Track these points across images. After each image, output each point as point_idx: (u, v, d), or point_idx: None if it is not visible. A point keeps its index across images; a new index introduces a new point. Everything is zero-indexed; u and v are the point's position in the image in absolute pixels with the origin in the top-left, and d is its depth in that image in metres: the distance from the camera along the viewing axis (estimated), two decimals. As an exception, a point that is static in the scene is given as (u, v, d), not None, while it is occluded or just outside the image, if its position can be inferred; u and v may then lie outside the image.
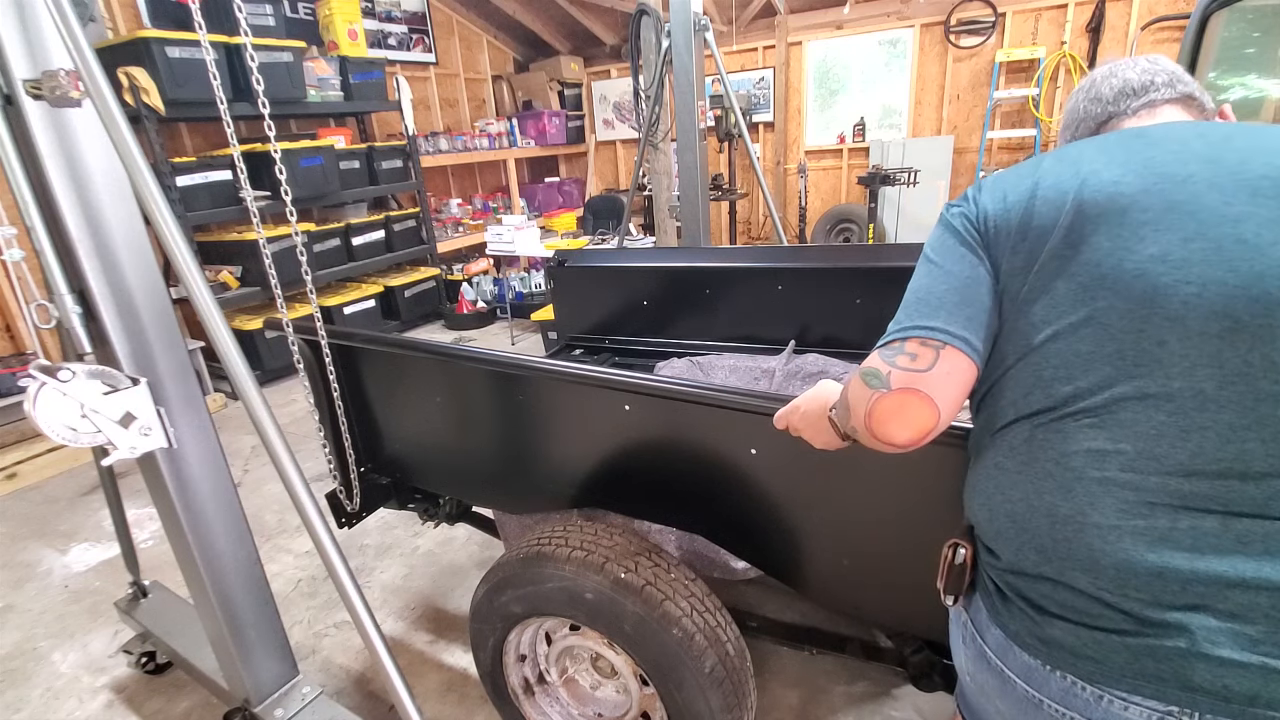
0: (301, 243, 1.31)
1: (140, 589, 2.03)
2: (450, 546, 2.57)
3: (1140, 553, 0.65)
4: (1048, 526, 0.71)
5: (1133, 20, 5.33)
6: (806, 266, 2.33)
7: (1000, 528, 0.77)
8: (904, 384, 0.74)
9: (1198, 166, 0.70)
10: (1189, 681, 0.63)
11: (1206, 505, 0.64)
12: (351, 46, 5.09)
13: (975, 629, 0.82)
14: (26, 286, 3.45)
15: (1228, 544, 0.63)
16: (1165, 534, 0.65)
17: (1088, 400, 0.70)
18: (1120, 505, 0.67)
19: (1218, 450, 0.64)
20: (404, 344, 1.66)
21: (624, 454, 1.42)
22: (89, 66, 0.96)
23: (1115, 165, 0.74)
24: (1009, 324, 0.77)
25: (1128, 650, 0.66)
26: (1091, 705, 0.68)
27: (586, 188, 7.97)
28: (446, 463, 1.77)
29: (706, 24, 3.18)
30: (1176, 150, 0.73)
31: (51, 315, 1.17)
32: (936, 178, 5.97)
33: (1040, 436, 0.73)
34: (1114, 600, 0.67)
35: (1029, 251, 0.75)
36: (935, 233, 0.85)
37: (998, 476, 0.78)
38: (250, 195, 1.31)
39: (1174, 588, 0.64)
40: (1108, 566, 0.67)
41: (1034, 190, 0.77)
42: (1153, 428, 0.67)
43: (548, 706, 1.59)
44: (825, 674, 1.87)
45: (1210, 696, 0.62)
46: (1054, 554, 0.71)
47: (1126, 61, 0.89)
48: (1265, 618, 0.61)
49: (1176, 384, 0.66)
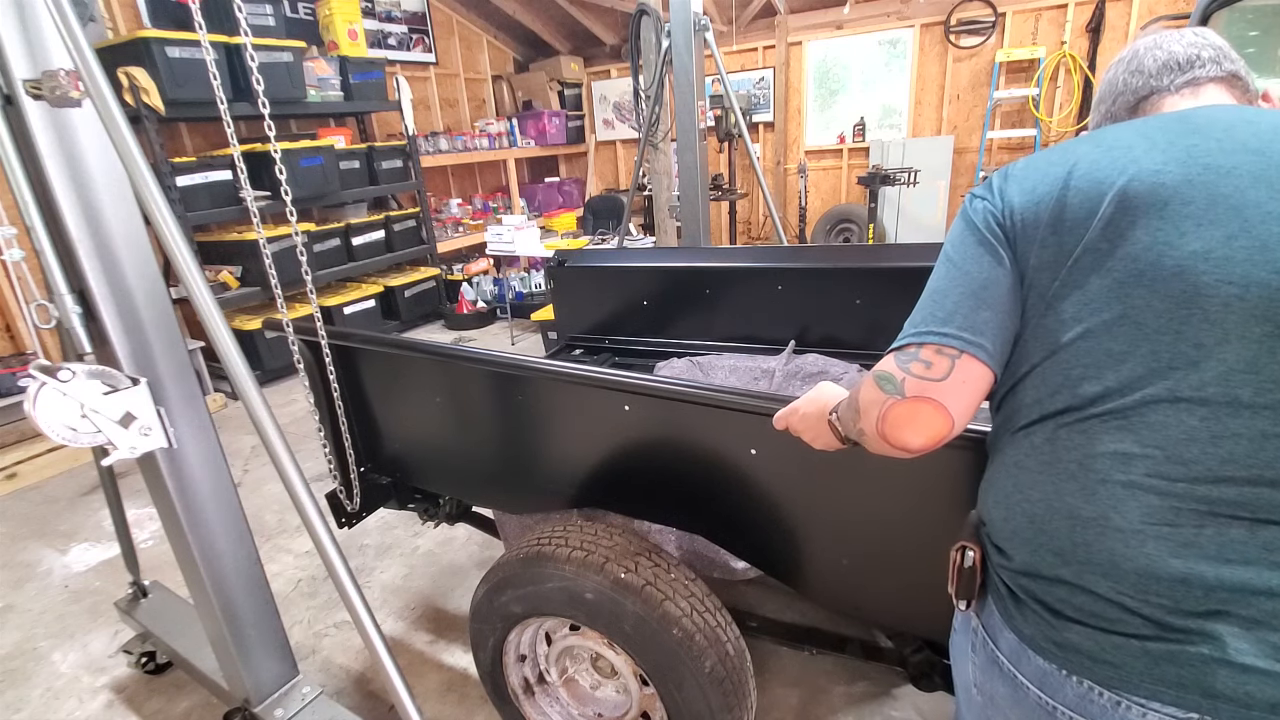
0: (301, 243, 1.31)
1: (140, 589, 2.03)
2: (450, 546, 2.57)
3: (1164, 558, 0.64)
4: (1068, 529, 0.70)
5: (1133, 20, 5.33)
6: (806, 266, 2.33)
7: (1017, 528, 0.75)
8: (918, 392, 0.74)
9: (1244, 158, 0.67)
10: (1211, 688, 0.62)
11: (1234, 512, 0.63)
12: (351, 46, 5.09)
13: (987, 633, 0.80)
14: (26, 286, 3.45)
15: (1254, 552, 0.62)
16: (1191, 540, 0.63)
17: (1116, 401, 0.68)
18: (1145, 509, 0.65)
19: (1249, 457, 0.62)
20: (403, 344, 1.66)
21: (624, 454, 1.42)
22: (89, 66, 0.96)
23: (1156, 153, 0.70)
24: (1035, 321, 0.74)
25: (1148, 655, 0.65)
26: (1108, 711, 0.67)
27: (586, 188, 7.98)
28: (447, 463, 1.77)
29: (706, 24, 3.18)
30: (1221, 139, 0.69)
31: (51, 315, 1.17)
32: (936, 178, 5.97)
33: (1064, 436, 0.71)
34: (1135, 605, 0.66)
35: (1059, 246, 0.72)
36: (956, 226, 0.82)
37: (1018, 475, 0.76)
38: (250, 195, 1.31)
39: (1197, 594, 0.63)
40: (1129, 571, 0.66)
41: (1067, 180, 0.73)
42: (1183, 432, 0.65)
43: (548, 706, 1.59)
44: (825, 674, 1.87)
45: (1232, 703, 0.61)
46: (1073, 557, 0.69)
47: (1172, 33, 0.84)
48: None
49: (1211, 389, 0.64)
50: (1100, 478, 0.68)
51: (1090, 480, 0.69)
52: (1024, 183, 0.77)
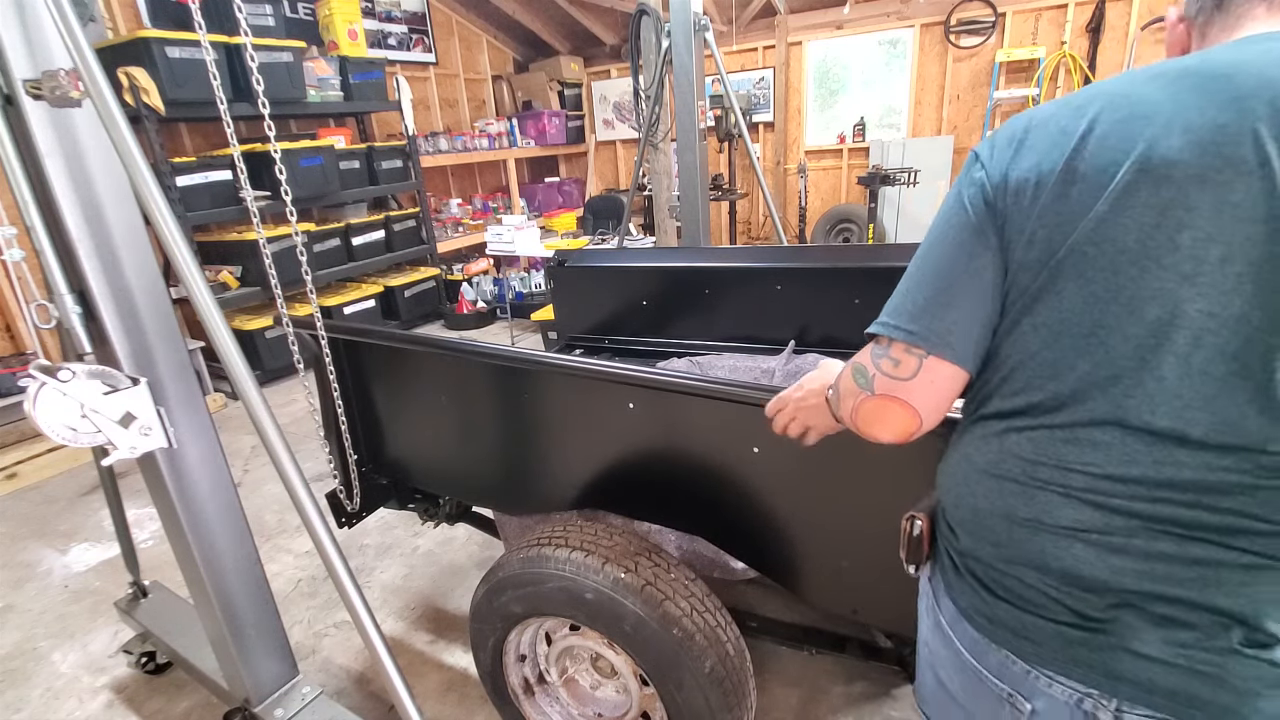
0: (301, 243, 1.32)
1: (140, 589, 2.03)
2: (450, 546, 2.57)
3: (1090, 561, 0.67)
4: (1005, 526, 0.72)
5: (1133, 20, 5.33)
6: (806, 266, 2.33)
7: (962, 517, 0.78)
8: (885, 390, 0.75)
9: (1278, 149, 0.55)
10: (1115, 671, 0.66)
11: (1166, 528, 0.63)
12: (351, 46, 5.09)
13: (934, 598, 0.85)
14: (26, 286, 3.45)
15: (1178, 566, 0.63)
16: (1119, 547, 0.65)
17: (1067, 415, 0.67)
18: (1078, 517, 0.67)
19: (1191, 481, 0.62)
20: (406, 339, 1.66)
21: (627, 454, 1.42)
22: (89, 66, 0.96)
23: (1176, 130, 0.59)
24: (1010, 318, 0.70)
25: (1063, 638, 0.69)
26: (1021, 679, 0.73)
27: (586, 188, 7.97)
28: (447, 463, 1.77)
29: (706, 24, 3.18)
30: (1266, 114, 0.56)
31: (51, 315, 1.17)
32: (936, 178, 5.97)
33: (1013, 440, 0.72)
34: (1058, 596, 0.69)
35: (1048, 242, 0.65)
36: (945, 203, 0.75)
37: (965, 469, 0.78)
38: (250, 195, 1.31)
39: (1116, 593, 0.66)
40: (1056, 569, 0.69)
41: (1075, 155, 0.64)
42: (1127, 455, 0.64)
43: (548, 706, 1.59)
44: (825, 674, 1.87)
45: (1133, 686, 0.65)
46: (1008, 549, 0.73)
47: None
48: (1200, 631, 0.63)
49: (1163, 423, 0.62)
50: (1040, 485, 0.70)
51: (1030, 487, 0.70)
52: (1027, 155, 0.67)
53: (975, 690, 0.79)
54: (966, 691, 0.81)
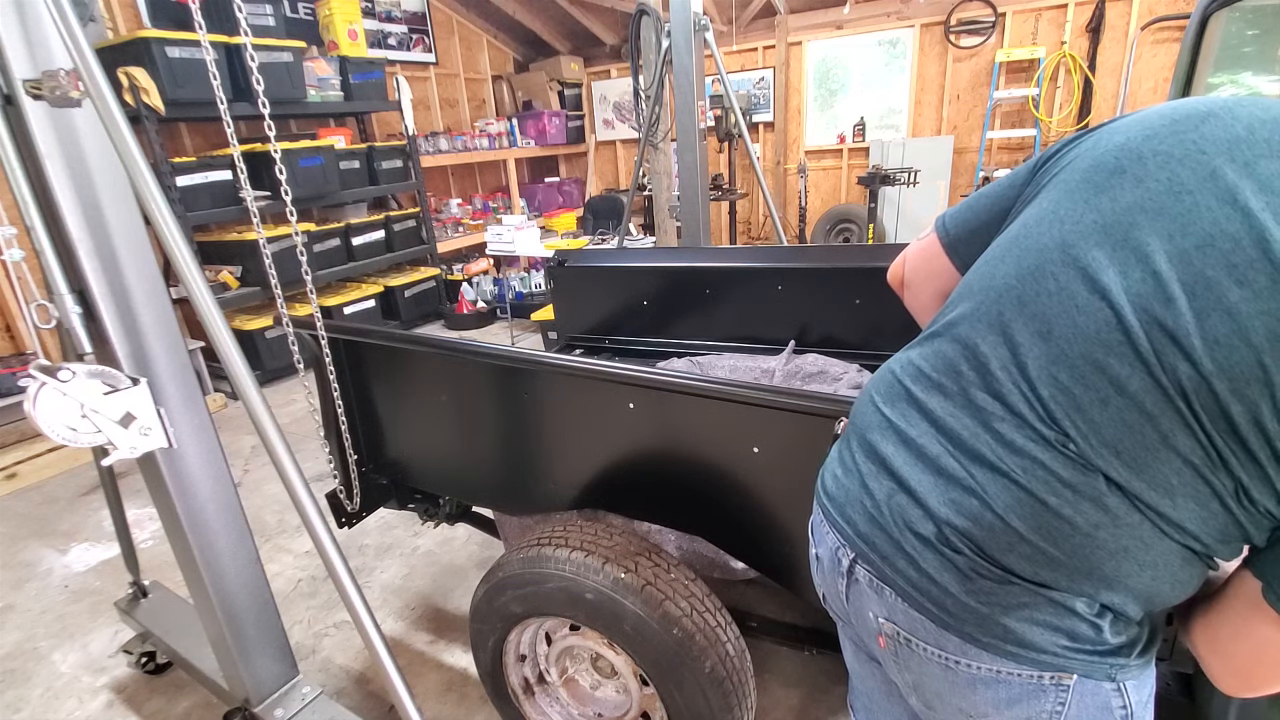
0: (301, 243, 1.32)
1: (140, 589, 2.03)
2: (450, 546, 2.57)
3: (870, 430, 0.81)
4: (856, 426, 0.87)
5: (1133, 20, 5.33)
6: (806, 266, 2.33)
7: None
8: (906, 250, 0.96)
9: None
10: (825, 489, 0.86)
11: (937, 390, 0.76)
12: (351, 46, 5.09)
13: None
14: (26, 286, 3.45)
15: (905, 448, 0.75)
16: (886, 424, 0.79)
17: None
18: (870, 405, 0.83)
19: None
20: (406, 339, 1.65)
21: (627, 454, 1.42)
22: (89, 66, 0.96)
23: (1131, 188, 0.63)
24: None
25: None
26: (816, 530, 0.87)
27: (586, 188, 7.98)
28: (447, 462, 1.77)
29: (706, 24, 3.19)
30: (1207, 190, 0.59)
31: (51, 315, 1.17)
32: (936, 178, 5.97)
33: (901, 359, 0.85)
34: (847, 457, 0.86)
35: (1035, 189, 0.75)
36: None
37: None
38: (250, 195, 1.31)
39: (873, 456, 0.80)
40: (861, 428, 0.84)
41: (1089, 142, 0.71)
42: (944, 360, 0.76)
43: (548, 706, 1.59)
44: (825, 674, 1.87)
45: (827, 498, 0.85)
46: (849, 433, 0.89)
47: None
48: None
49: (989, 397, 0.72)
50: (870, 394, 0.85)
51: (870, 391, 0.86)
52: (1089, 135, 0.72)
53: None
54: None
